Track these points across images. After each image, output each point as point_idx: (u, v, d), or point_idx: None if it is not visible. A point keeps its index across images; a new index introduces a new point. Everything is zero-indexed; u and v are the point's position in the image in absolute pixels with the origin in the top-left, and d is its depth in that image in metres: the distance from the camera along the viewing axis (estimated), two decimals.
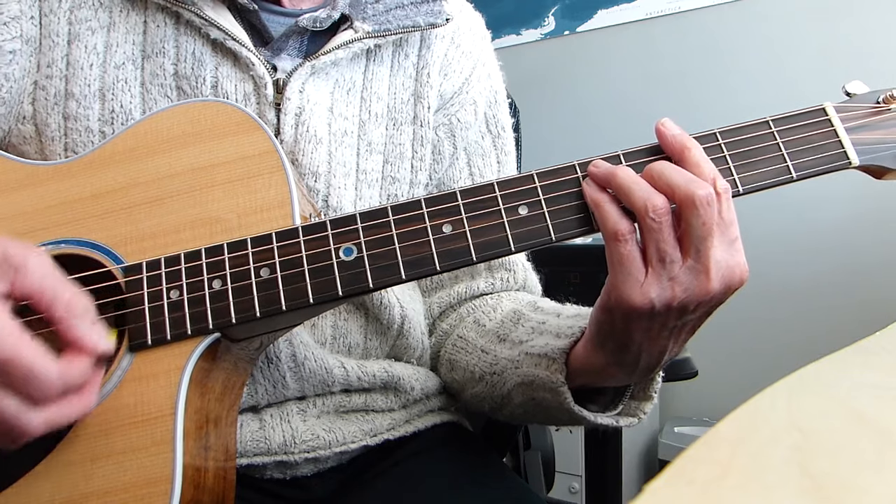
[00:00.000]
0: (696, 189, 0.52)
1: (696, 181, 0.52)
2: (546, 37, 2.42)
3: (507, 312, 0.79)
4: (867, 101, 0.60)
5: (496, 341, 0.76)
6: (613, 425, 0.66)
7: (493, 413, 0.80)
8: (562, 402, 0.64)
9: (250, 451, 0.69)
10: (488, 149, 0.87)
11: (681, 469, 0.31)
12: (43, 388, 0.46)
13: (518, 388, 0.70)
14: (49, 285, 0.48)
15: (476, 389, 0.77)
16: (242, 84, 0.70)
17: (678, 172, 0.53)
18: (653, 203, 0.52)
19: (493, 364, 0.74)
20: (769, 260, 2.00)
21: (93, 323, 0.50)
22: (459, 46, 0.84)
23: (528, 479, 1.09)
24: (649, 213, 0.52)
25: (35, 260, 0.48)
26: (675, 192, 0.52)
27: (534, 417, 0.75)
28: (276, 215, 0.58)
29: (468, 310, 0.84)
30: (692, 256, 0.53)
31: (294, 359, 0.70)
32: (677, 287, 0.53)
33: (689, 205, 0.52)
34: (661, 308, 0.53)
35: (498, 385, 0.73)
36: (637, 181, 0.54)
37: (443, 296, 0.85)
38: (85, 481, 0.52)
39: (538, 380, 0.66)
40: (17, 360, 0.45)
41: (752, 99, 2.02)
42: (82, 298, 0.50)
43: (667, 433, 2.03)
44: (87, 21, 0.71)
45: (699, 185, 0.52)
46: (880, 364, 0.49)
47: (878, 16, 1.88)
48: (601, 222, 0.55)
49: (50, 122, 0.69)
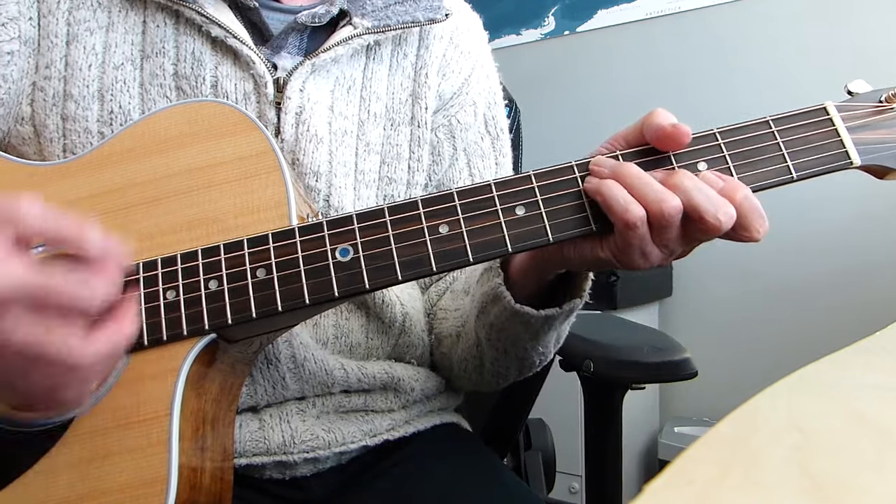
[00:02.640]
0: (721, 217, 0.52)
1: (723, 208, 0.52)
2: (546, 37, 2.42)
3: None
4: (869, 101, 0.59)
5: (462, 296, 0.79)
6: (558, 312, 0.66)
7: (479, 380, 0.80)
8: (506, 306, 0.65)
9: (249, 451, 0.69)
10: (487, 150, 0.87)
11: (681, 469, 0.31)
12: (83, 300, 0.44)
13: (478, 323, 0.72)
14: (51, 217, 0.46)
15: (458, 353, 0.79)
16: (242, 83, 0.70)
17: (701, 193, 0.53)
18: (669, 205, 0.52)
19: (462, 315, 0.78)
20: (769, 260, 2.00)
21: (104, 237, 0.47)
22: (458, 47, 0.84)
23: (528, 480, 1.09)
24: (665, 216, 0.52)
25: (26, 200, 0.45)
26: (693, 210, 0.53)
27: (506, 356, 0.74)
28: (273, 216, 0.58)
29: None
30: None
31: (294, 360, 0.70)
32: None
33: (703, 224, 0.53)
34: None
35: (469, 334, 0.75)
36: (650, 181, 0.54)
37: (440, 285, 0.86)
38: (81, 482, 0.52)
39: (484, 297, 0.68)
40: (47, 283, 0.43)
41: (752, 99, 2.02)
42: (85, 220, 0.47)
43: (667, 433, 2.03)
44: (86, 22, 0.70)
45: (725, 212, 0.52)
46: (881, 364, 0.49)
47: (879, 15, 1.88)
48: (611, 208, 0.54)
49: (48, 123, 0.69)
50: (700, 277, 2.12)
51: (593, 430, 0.97)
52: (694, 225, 0.53)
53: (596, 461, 0.97)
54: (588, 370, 0.89)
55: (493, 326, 0.70)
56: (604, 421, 0.94)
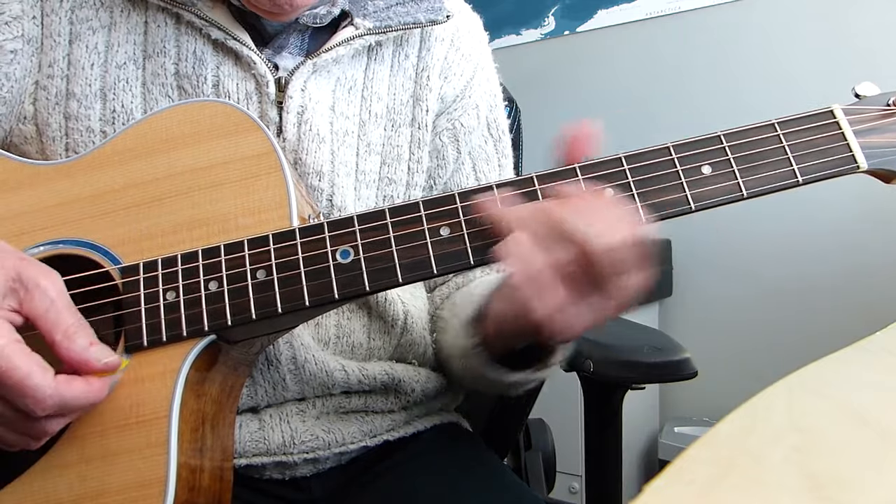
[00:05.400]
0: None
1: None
2: (546, 37, 2.42)
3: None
4: (877, 104, 0.59)
5: (454, 320, 0.80)
6: (526, 379, 0.67)
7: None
8: (480, 364, 0.68)
9: (249, 451, 0.69)
10: (491, 153, 0.87)
11: (681, 469, 0.31)
12: (35, 403, 0.47)
13: (460, 363, 0.75)
14: (53, 310, 0.50)
15: (451, 369, 0.81)
16: (244, 83, 0.70)
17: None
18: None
19: (451, 339, 0.78)
20: (769, 260, 2.00)
21: (91, 344, 0.51)
22: (459, 49, 0.84)
23: (528, 480, 1.09)
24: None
25: (45, 283, 0.50)
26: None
27: (488, 391, 0.78)
28: (274, 216, 0.58)
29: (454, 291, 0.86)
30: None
31: (294, 361, 0.70)
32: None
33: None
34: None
35: (455, 362, 0.78)
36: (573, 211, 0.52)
37: (443, 289, 0.86)
38: (80, 482, 0.52)
39: (464, 349, 0.70)
40: (11, 370, 0.46)
41: (752, 99, 2.01)
42: (83, 323, 0.51)
43: (667, 433, 2.03)
44: (89, 21, 0.71)
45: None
46: (880, 364, 0.49)
47: (880, 14, 1.88)
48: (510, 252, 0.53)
49: (51, 121, 0.69)
50: (700, 277, 2.12)
51: (593, 430, 0.97)
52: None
53: (596, 461, 0.97)
54: (588, 370, 0.89)
55: (469, 370, 0.73)
56: (604, 421, 0.94)
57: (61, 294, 0.51)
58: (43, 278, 0.50)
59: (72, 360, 0.50)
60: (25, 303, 0.49)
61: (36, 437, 0.51)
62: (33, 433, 0.50)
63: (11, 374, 0.46)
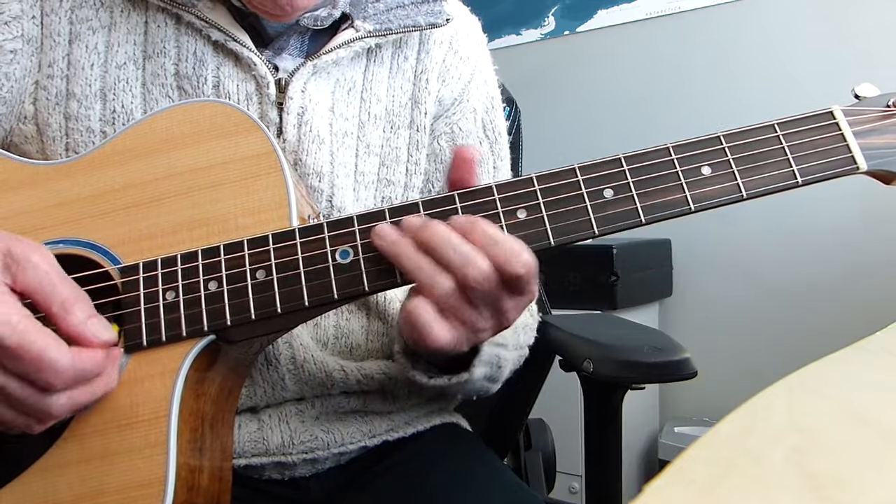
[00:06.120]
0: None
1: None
2: (546, 37, 2.42)
3: None
4: (877, 105, 0.59)
5: None
6: (446, 384, 0.67)
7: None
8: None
9: (248, 451, 0.69)
10: (486, 154, 0.87)
11: (681, 469, 0.31)
12: (55, 375, 0.47)
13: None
14: (48, 282, 0.50)
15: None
16: (244, 84, 0.70)
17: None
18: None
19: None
20: (769, 260, 2.00)
21: (89, 318, 0.51)
22: (457, 52, 0.84)
23: (528, 480, 1.09)
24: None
25: (37, 257, 0.50)
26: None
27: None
28: (274, 217, 0.58)
29: None
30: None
31: (293, 361, 0.70)
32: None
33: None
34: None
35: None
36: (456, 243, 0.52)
37: None
38: (79, 482, 0.52)
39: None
40: (28, 346, 0.46)
41: (752, 99, 2.01)
42: (80, 295, 0.51)
43: (667, 433, 2.03)
44: (88, 21, 0.71)
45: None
46: (880, 364, 0.49)
47: (880, 15, 1.88)
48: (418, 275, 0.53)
49: (51, 121, 0.69)
50: (700, 277, 2.12)
51: (593, 430, 0.97)
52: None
53: (596, 461, 0.97)
54: (588, 370, 0.89)
55: (400, 374, 0.73)
56: (604, 421, 0.94)
57: (54, 266, 0.51)
58: (34, 253, 0.50)
59: (69, 333, 0.50)
60: (19, 277, 0.49)
61: (41, 420, 0.50)
62: (41, 414, 0.50)
63: (30, 348, 0.46)
